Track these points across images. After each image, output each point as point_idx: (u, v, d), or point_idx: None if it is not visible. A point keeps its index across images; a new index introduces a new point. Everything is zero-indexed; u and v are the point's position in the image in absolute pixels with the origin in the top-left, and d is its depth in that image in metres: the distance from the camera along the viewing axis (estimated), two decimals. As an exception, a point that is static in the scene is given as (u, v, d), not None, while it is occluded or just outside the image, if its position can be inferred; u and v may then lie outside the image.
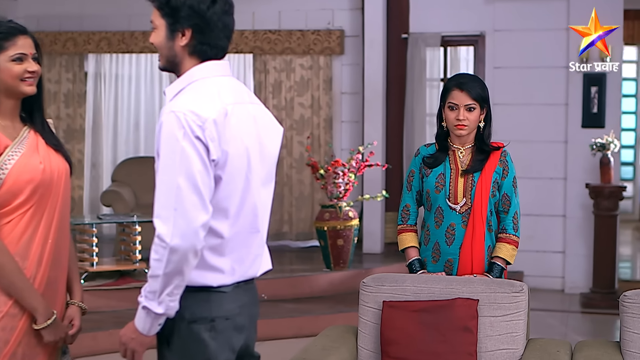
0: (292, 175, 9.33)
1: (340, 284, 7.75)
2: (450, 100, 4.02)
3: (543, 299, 8.21)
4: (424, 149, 4.18)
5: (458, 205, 4.02)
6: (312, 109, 9.28)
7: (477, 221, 4.00)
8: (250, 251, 2.86)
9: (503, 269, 4.05)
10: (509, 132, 8.25)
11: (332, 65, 9.23)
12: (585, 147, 8.17)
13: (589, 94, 8.32)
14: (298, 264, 8.79)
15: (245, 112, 2.81)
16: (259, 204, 2.85)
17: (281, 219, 9.41)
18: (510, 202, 4.06)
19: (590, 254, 8.28)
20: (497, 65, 8.64)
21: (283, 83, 9.34)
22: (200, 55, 2.78)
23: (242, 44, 9.32)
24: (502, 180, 4.06)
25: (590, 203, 8.18)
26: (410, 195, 4.18)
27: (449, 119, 4.02)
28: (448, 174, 4.06)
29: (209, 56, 2.79)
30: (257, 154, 2.83)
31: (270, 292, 7.48)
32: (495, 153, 4.08)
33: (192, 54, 2.78)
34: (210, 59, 2.80)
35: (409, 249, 4.16)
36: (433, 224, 4.08)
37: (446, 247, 4.04)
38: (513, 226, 4.06)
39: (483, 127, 4.08)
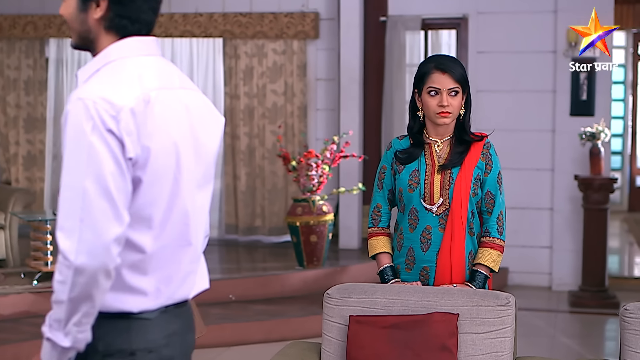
0: (265, 167, 8.85)
1: (313, 282, 7.29)
2: (431, 84, 3.53)
3: (529, 297, 7.79)
4: (397, 142, 3.70)
5: (434, 205, 3.54)
6: (285, 96, 8.79)
7: (457, 223, 3.52)
8: (180, 268, 2.36)
9: (487, 278, 3.57)
10: (493, 120, 7.92)
11: (306, 50, 8.75)
12: (574, 137, 7.76)
13: (577, 81, 7.88)
14: (270, 261, 8.32)
15: (174, 99, 2.32)
16: (191, 210, 2.35)
17: (253, 213, 8.93)
18: (495, 201, 3.58)
19: (579, 250, 7.88)
20: (481, 50, 8.18)
21: (255, 69, 8.85)
22: (119, 31, 2.30)
23: (211, 28, 8.82)
24: (485, 177, 3.58)
25: (579, 196, 7.76)
26: (382, 194, 3.70)
27: (429, 106, 3.53)
28: (423, 170, 3.58)
29: (129, 32, 2.31)
30: (190, 150, 2.34)
31: (238, 293, 7.06)
32: (476, 145, 3.59)
33: (110, 29, 2.29)
34: (131, 36, 2.31)
35: (381, 255, 3.68)
36: (407, 227, 3.60)
37: (422, 253, 3.56)
38: (497, 229, 3.58)
39: (463, 115, 3.60)
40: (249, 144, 8.88)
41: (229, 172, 8.96)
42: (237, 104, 8.87)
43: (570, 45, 7.81)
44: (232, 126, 8.90)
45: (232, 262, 8.49)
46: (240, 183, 8.90)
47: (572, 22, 7.74)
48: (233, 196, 8.96)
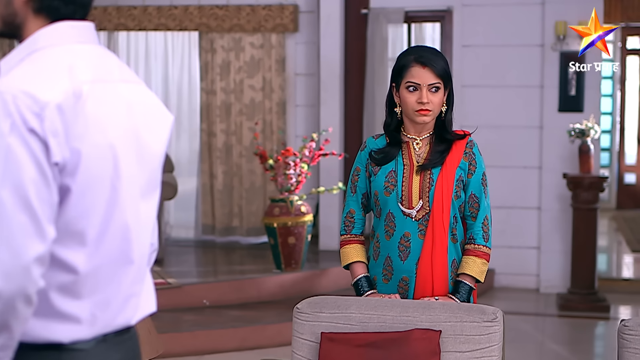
0: (242, 165, 8.53)
1: (291, 286, 6.99)
2: (410, 79, 3.23)
3: (516, 299, 7.52)
4: (372, 141, 3.39)
5: (413, 210, 3.24)
6: (263, 92, 8.48)
7: (438, 229, 3.23)
8: (120, 290, 2.05)
9: (472, 290, 3.28)
10: (478, 116, 7.65)
11: (285, 44, 8.43)
12: (563, 133, 7.48)
13: (566, 75, 7.60)
14: (248, 264, 8.01)
15: (112, 93, 2.00)
16: (133, 223, 2.04)
17: (231, 213, 8.62)
18: (479, 205, 3.29)
19: (567, 250, 7.60)
20: (466, 44, 7.89)
21: (232, 63, 8.52)
22: (51, 14, 1.98)
23: (186, 21, 8.49)
24: (469, 178, 3.28)
25: (568, 195, 7.48)
26: (355, 198, 3.40)
27: (408, 102, 3.23)
28: (400, 171, 3.28)
29: (62, 15, 1.99)
30: (131, 153, 2.03)
31: (213, 297, 6.76)
32: (459, 143, 3.30)
33: (39, 11, 1.97)
34: (64, 20, 2.00)
35: (355, 264, 3.37)
36: (383, 233, 3.30)
37: (400, 262, 3.26)
38: (483, 235, 3.28)
39: (445, 112, 3.30)
40: (225, 142, 8.56)
41: (206, 171, 8.64)
42: (214, 100, 8.55)
43: (558, 39, 7.54)
44: (209, 123, 8.58)
45: (207, 264, 8.18)
46: (217, 182, 8.59)
47: (560, 15, 7.53)
48: (210, 195, 8.64)
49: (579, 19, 7.41)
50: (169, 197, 7.80)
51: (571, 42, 7.53)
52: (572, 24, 7.43)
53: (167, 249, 8.26)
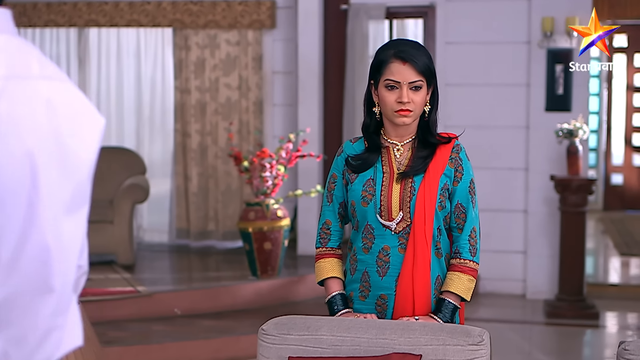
0: (218, 167, 8.21)
1: (268, 294, 6.68)
2: (389, 76, 2.92)
3: (502, 305, 7.24)
4: (349, 146, 3.09)
5: (393, 221, 2.94)
6: (239, 90, 8.16)
7: (420, 243, 2.93)
8: (37, 323, 1.72)
9: (457, 309, 2.98)
10: (462, 116, 7.39)
11: (262, 41, 8.12)
12: (550, 134, 7.20)
13: (553, 73, 7.32)
14: (223, 269, 7.68)
15: (30, 92, 1.67)
16: (54, 244, 1.71)
17: (206, 216, 8.30)
18: (466, 216, 2.99)
19: (555, 255, 7.33)
20: (450, 41, 7.59)
21: (207, 61, 8.20)
22: None
23: (159, 17, 8.17)
24: (454, 186, 2.98)
25: (556, 197, 7.21)
26: (332, 208, 3.09)
27: (387, 102, 2.93)
28: (379, 180, 2.98)
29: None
30: (54, 161, 1.70)
31: (184, 306, 6.44)
32: (443, 148, 3.00)
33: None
34: None
35: (329, 280, 3.07)
36: (361, 247, 3.00)
37: (378, 278, 2.96)
38: (470, 249, 2.98)
39: (429, 112, 3.00)
40: (200, 142, 8.24)
41: (180, 173, 8.31)
42: (188, 99, 8.22)
43: (545, 36, 7.25)
44: (183, 123, 8.26)
45: (181, 270, 7.85)
46: (192, 184, 8.26)
47: (547, 11, 7.25)
48: (184, 198, 8.32)
49: (566, 15, 7.18)
50: (140, 201, 7.47)
51: (558, 39, 7.26)
52: (559, 20, 7.22)
53: (140, 254, 7.94)
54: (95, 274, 7.07)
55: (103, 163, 7.96)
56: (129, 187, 7.46)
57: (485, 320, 6.74)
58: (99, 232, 7.36)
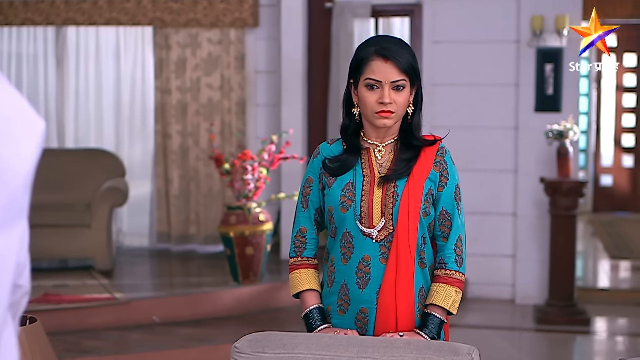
0: (200, 169, 8.00)
1: (249, 301, 6.48)
2: (369, 75, 2.73)
3: (490, 311, 7.05)
4: (326, 147, 2.90)
5: (374, 229, 2.75)
6: (221, 90, 7.95)
7: (403, 252, 2.73)
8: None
9: (442, 323, 2.78)
10: (449, 116, 7.21)
11: (244, 40, 7.91)
12: (540, 135, 7.03)
13: (542, 73, 7.14)
14: (205, 275, 7.46)
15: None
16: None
17: (187, 220, 8.09)
18: (452, 223, 2.80)
19: (544, 259, 7.15)
20: (437, 39, 7.40)
21: (188, 61, 7.99)
22: None
23: (139, 15, 7.95)
24: (439, 191, 2.79)
25: (546, 200, 7.03)
26: (307, 214, 2.90)
27: (367, 102, 2.74)
28: (359, 184, 2.78)
29: None
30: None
31: (163, 313, 6.23)
32: (428, 151, 2.81)
33: None
34: None
35: (305, 293, 2.87)
36: (339, 256, 2.80)
37: (358, 291, 2.76)
38: (456, 258, 2.79)
39: (412, 114, 2.81)
40: (181, 144, 8.03)
41: (160, 175, 8.10)
42: (169, 100, 8.01)
43: (534, 34, 7.07)
44: (164, 124, 8.05)
45: (161, 275, 7.64)
46: (173, 187, 8.05)
47: (536, 9, 7.08)
48: (165, 201, 8.10)
49: (556, 14, 7.02)
50: (118, 204, 7.26)
51: (548, 37, 7.08)
52: (549, 19, 7.05)
53: (119, 258, 7.73)
54: (72, 280, 6.87)
55: (81, 165, 7.78)
56: (107, 190, 7.25)
57: (474, 327, 6.56)
58: (76, 237, 7.15)
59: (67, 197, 7.58)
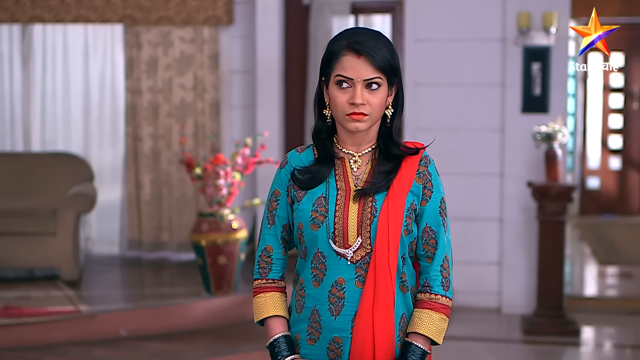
0: (172, 173, 7.66)
1: (222, 313, 6.15)
2: (340, 72, 2.41)
3: (476, 321, 6.76)
4: (295, 156, 2.58)
5: (349, 249, 2.43)
6: (195, 91, 7.62)
7: (382, 275, 2.42)
8: None
9: (425, 354, 2.46)
10: (432, 118, 6.95)
11: (218, 38, 7.57)
12: (527, 137, 6.75)
13: (529, 72, 6.85)
14: (177, 284, 7.10)
15: None
16: None
17: (159, 226, 7.74)
18: (437, 242, 2.49)
19: (532, 267, 6.87)
20: (419, 38, 7.10)
21: (159, 60, 7.65)
22: None
23: (109, 12, 7.60)
24: (423, 206, 2.48)
25: (533, 205, 6.74)
26: (273, 232, 2.57)
27: (337, 103, 2.42)
28: (333, 198, 2.46)
29: None
30: None
31: (131, 326, 5.92)
32: (409, 160, 2.49)
33: None
34: None
35: (271, 320, 2.55)
36: (310, 279, 2.48)
37: (331, 318, 2.44)
38: (442, 281, 2.48)
39: (392, 117, 2.49)
40: (153, 147, 7.68)
41: (131, 179, 7.75)
42: (140, 101, 7.67)
43: (521, 32, 6.78)
44: (134, 126, 7.70)
45: (130, 286, 7.28)
46: (144, 191, 7.71)
47: (523, 6, 6.83)
48: (136, 207, 7.75)
49: (543, 11, 6.77)
50: (85, 211, 6.91)
51: (535, 35, 6.80)
52: (536, 16, 6.79)
53: (87, 267, 7.39)
54: (36, 291, 6.54)
55: (47, 170, 7.41)
56: (73, 196, 6.90)
57: (458, 338, 6.26)
58: (41, 245, 6.81)
59: (31, 203, 7.24)
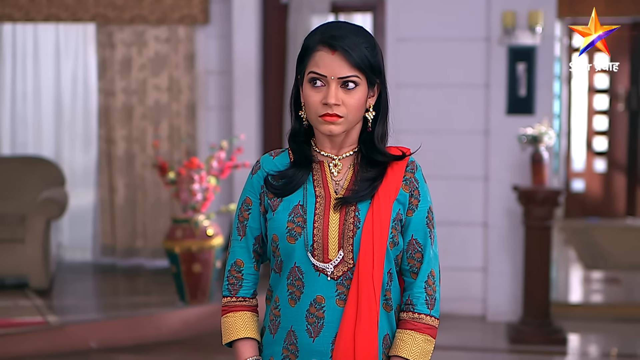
0: (146, 177, 7.42)
1: (197, 323, 5.93)
2: (313, 68, 2.20)
3: (460, 329, 6.55)
4: (269, 160, 2.35)
5: (330, 263, 2.21)
6: (170, 92, 7.38)
7: (365, 293, 2.20)
8: None
9: (410, 379, 2.24)
10: (415, 120, 6.76)
11: (194, 38, 7.35)
12: (512, 139, 6.55)
13: (514, 73, 6.66)
14: (151, 293, 6.87)
15: None
16: None
17: (134, 232, 7.50)
18: (423, 256, 2.28)
19: (517, 273, 6.68)
20: (401, 37, 6.90)
21: (133, 60, 7.41)
22: None
23: (81, 11, 7.35)
24: (409, 216, 2.26)
25: (519, 210, 6.55)
26: (244, 244, 2.35)
27: (310, 103, 2.20)
28: (311, 207, 2.24)
29: None
30: None
31: (102, 338, 5.69)
32: (395, 165, 2.27)
33: None
34: None
35: (240, 342, 2.32)
36: (285, 297, 2.26)
37: (308, 340, 2.22)
38: (426, 298, 2.27)
39: (374, 120, 2.27)
40: (127, 150, 7.44)
41: (104, 183, 7.51)
42: (113, 102, 7.43)
43: (506, 32, 6.58)
44: (107, 128, 7.46)
45: (103, 294, 7.03)
46: (118, 196, 7.46)
47: (508, 4, 6.62)
48: (109, 212, 7.51)
49: (529, 9, 6.55)
50: (55, 216, 6.65)
51: (520, 34, 6.60)
52: (521, 15, 6.60)
53: (59, 275, 7.14)
54: (4, 301, 6.29)
55: (16, 174, 7.13)
56: (43, 201, 6.65)
57: (441, 348, 6.04)
58: (9, 252, 6.56)
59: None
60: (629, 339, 6.47)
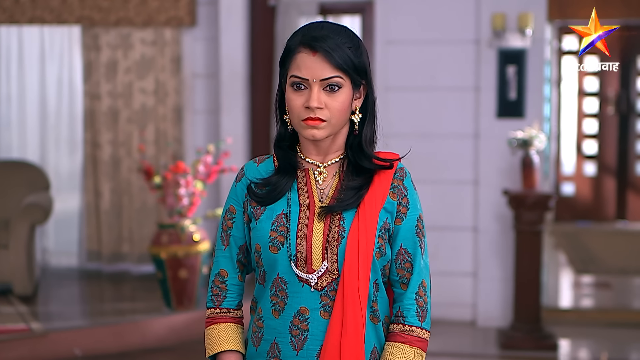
0: (133, 181, 7.33)
1: (183, 330, 5.84)
2: (294, 71, 2.12)
3: (449, 335, 6.48)
4: (252, 167, 2.27)
5: (314, 274, 2.13)
6: (156, 96, 7.30)
7: (351, 304, 2.12)
8: None
9: (399, 395, 2.17)
10: (404, 123, 6.68)
11: (181, 40, 7.26)
12: (502, 143, 6.49)
13: (504, 76, 6.60)
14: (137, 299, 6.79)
15: None
16: None
17: (119, 237, 7.41)
18: (413, 266, 2.20)
19: (508, 278, 6.61)
20: (390, 39, 6.83)
21: (119, 63, 7.32)
22: None
23: (65, 13, 7.26)
24: (397, 224, 2.19)
25: (509, 214, 6.49)
26: (228, 254, 2.27)
27: (292, 107, 2.13)
28: (295, 215, 2.16)
29: None
30: None
31: (86, 345, 5.59)
32: (383, 174, 2.19)
33: None
34: None
35: (224, 355, 2.24)
36: (269, 308, 2.18)
37: (292, 352, 2.15)
38: (417, 310, 2.19)
39: (360, 123, 2.19)
40: (112, 154, 7.35)
41: (90, 188, 7.41)
42: (99, 106, 7.34)
43: (496, 34, 6.53)
44: (93, 132, 7.37)
45: (88, 300, 6.94)
46: (103, 201, 7.37)
47: (498, 7, 6.56)
48: (95, 216, 7.42)
49: (519, 12, 6.49)
50: (39, 221, 6.56)
51: (510, 37, 6.54)
52: (511, 17, 6.54)
53: (44, 281, 7.04)
54: (-14, 307, 6.19)
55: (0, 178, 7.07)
56: (27, 206, 6.55)
57: (430, 354, 5.96)
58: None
59: (-18, 214, 6.90)
60: (619, 344, 6.42)
